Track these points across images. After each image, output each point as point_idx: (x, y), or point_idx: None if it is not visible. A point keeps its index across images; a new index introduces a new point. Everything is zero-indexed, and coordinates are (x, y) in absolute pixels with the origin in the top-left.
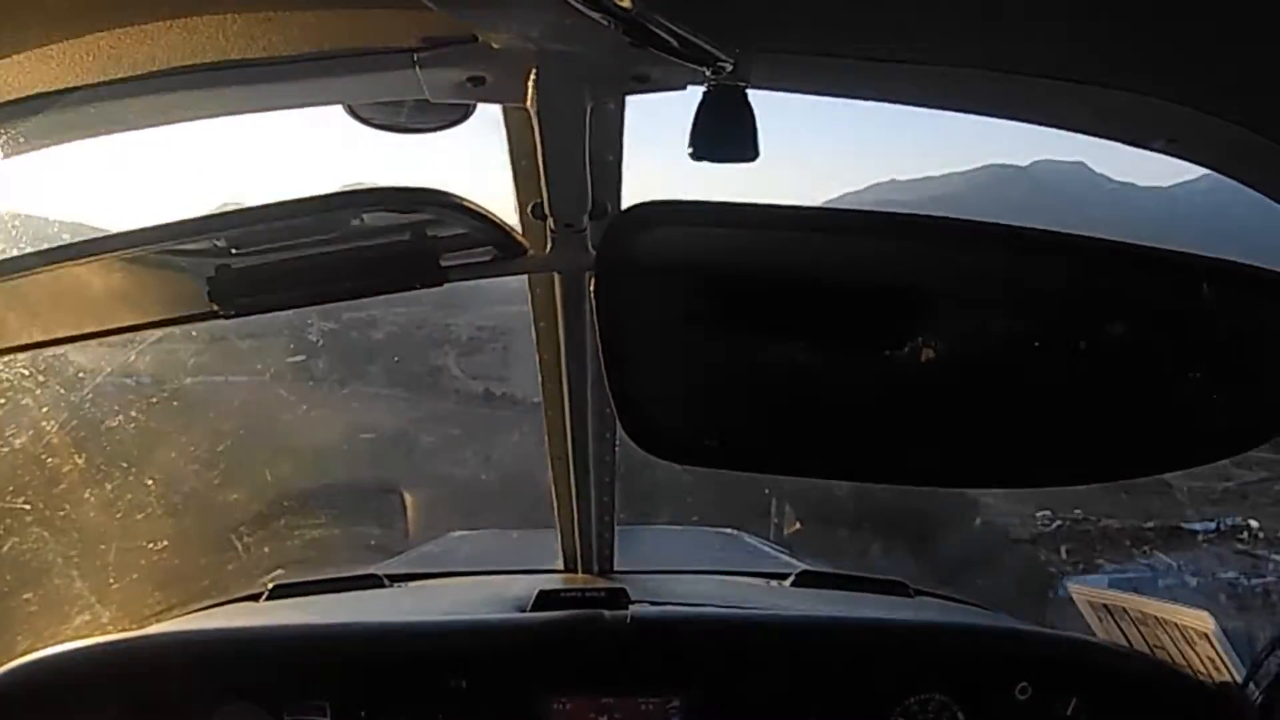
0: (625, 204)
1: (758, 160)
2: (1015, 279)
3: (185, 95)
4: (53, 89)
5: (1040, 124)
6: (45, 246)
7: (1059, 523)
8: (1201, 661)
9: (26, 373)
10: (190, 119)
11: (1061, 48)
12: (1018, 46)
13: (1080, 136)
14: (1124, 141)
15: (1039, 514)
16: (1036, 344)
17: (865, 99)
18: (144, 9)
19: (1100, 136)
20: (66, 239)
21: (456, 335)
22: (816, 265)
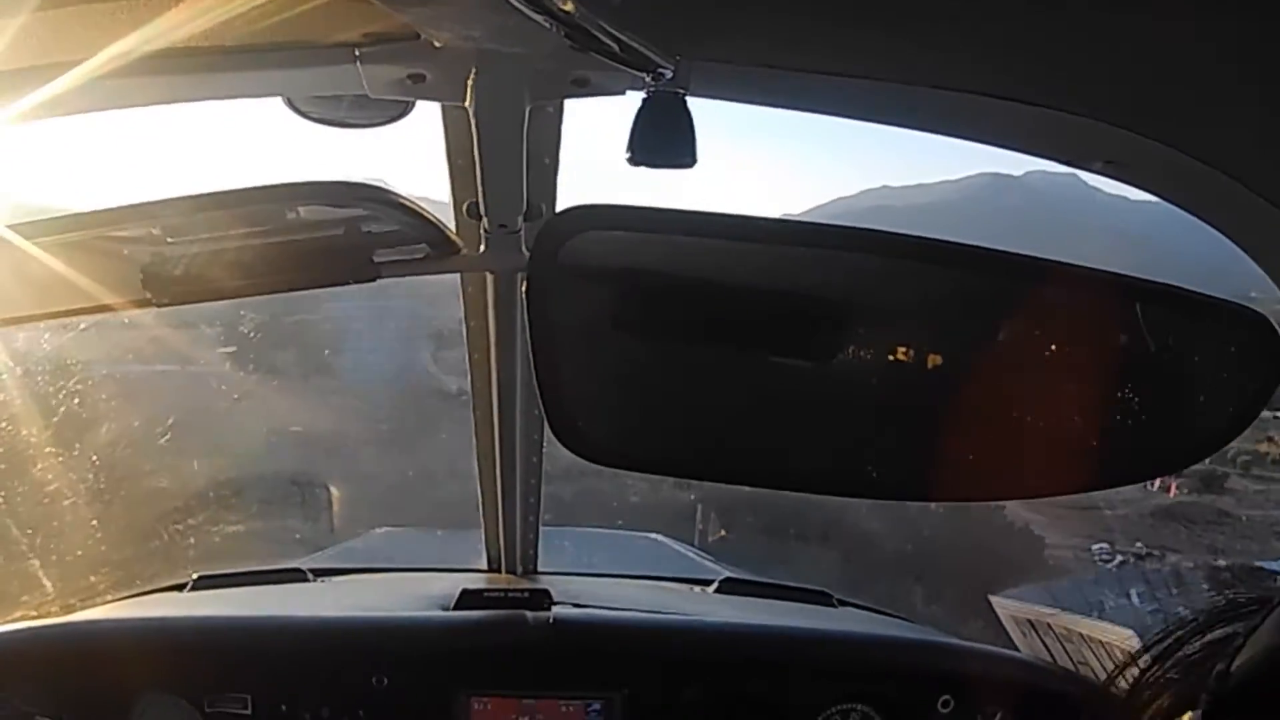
0: (561, 207)
1: (695, 166)
2: (946, 293)
3: (124, 81)
4: None
5: (978, 141)
6: None
7: (989, 538)
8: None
9: None
10: (129, 105)
11: (1000, 67)
12: (957, 65)
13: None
14: (1063, 161)
15: (968, 527)
16: (964, 358)
17: (803, 110)
18: None
19: (1040, 156)
20: None
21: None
22: (750, 273)
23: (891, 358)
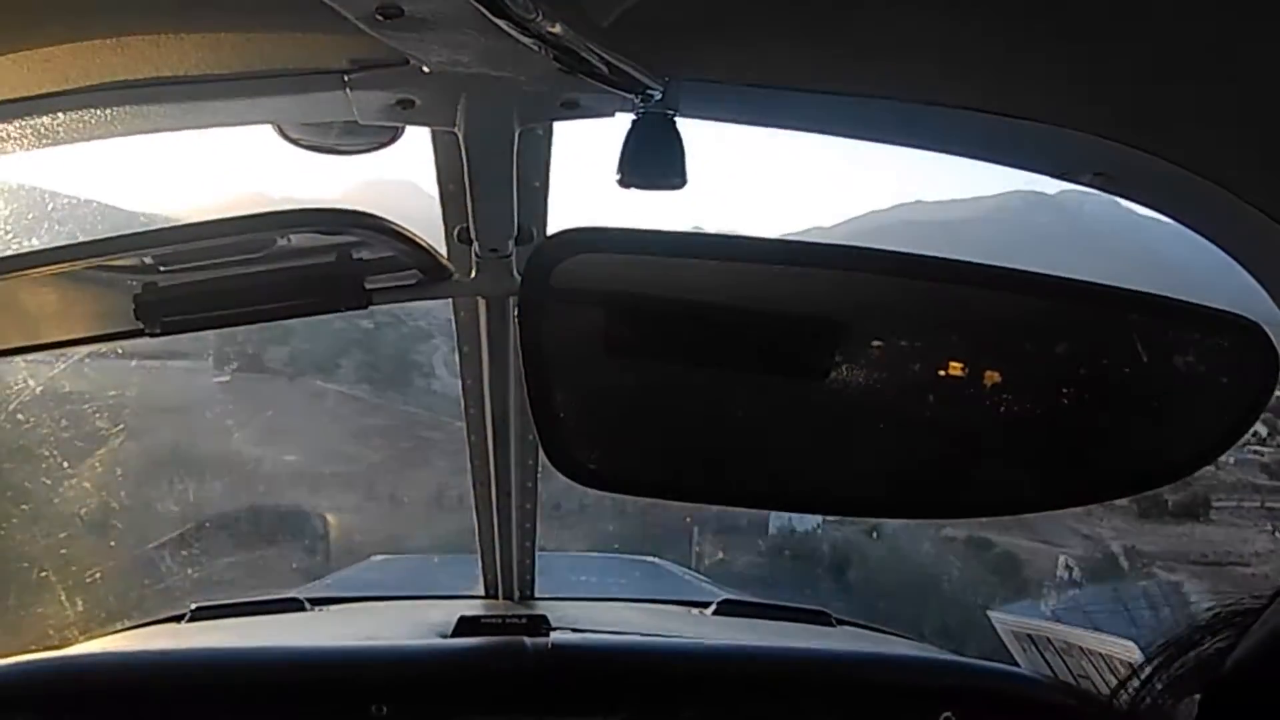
0: (551, 230)
1: (684, 188)
2: (940, 309)
3: (114, 111)
4: None
5: (969, 157)
6: None
7: (985, 552)
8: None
9: None
10: (119, 135)
11: (988, 83)
12: (945, 81)
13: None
14: (1053, 175)
15: (964, 542)
16: (961, 376)
17: (794, 129)
18: (76, 24)
19: (1030, 170)
20: None
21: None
22: (745, 294)
23: (888, 376)
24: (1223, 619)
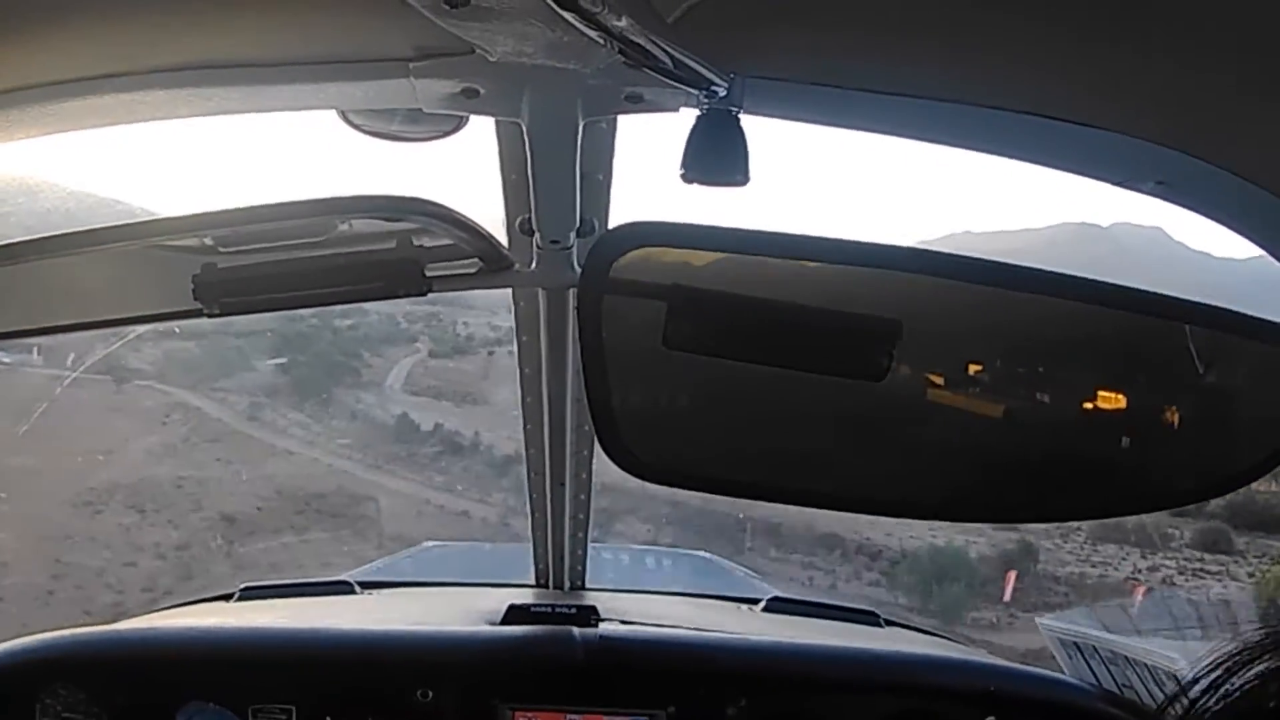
0: (613, 224)
1: (748, 184)
2: (998, 313)
3: (181, 93)
4: (47, 80)
5: (1029, 162)
6: (35, 236)
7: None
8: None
9: None
10: (185, 116)
11: (1051, 86)
12: (1010, 86)
13: (1150, 200)
14: (1112, 182)
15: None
16: (1016, 379)
17: (854, 129)
18: (147, 6)
19: (1089, 176)
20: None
21: None
22: (803, 292)
23: (948, 378)
24: (1274, 642)
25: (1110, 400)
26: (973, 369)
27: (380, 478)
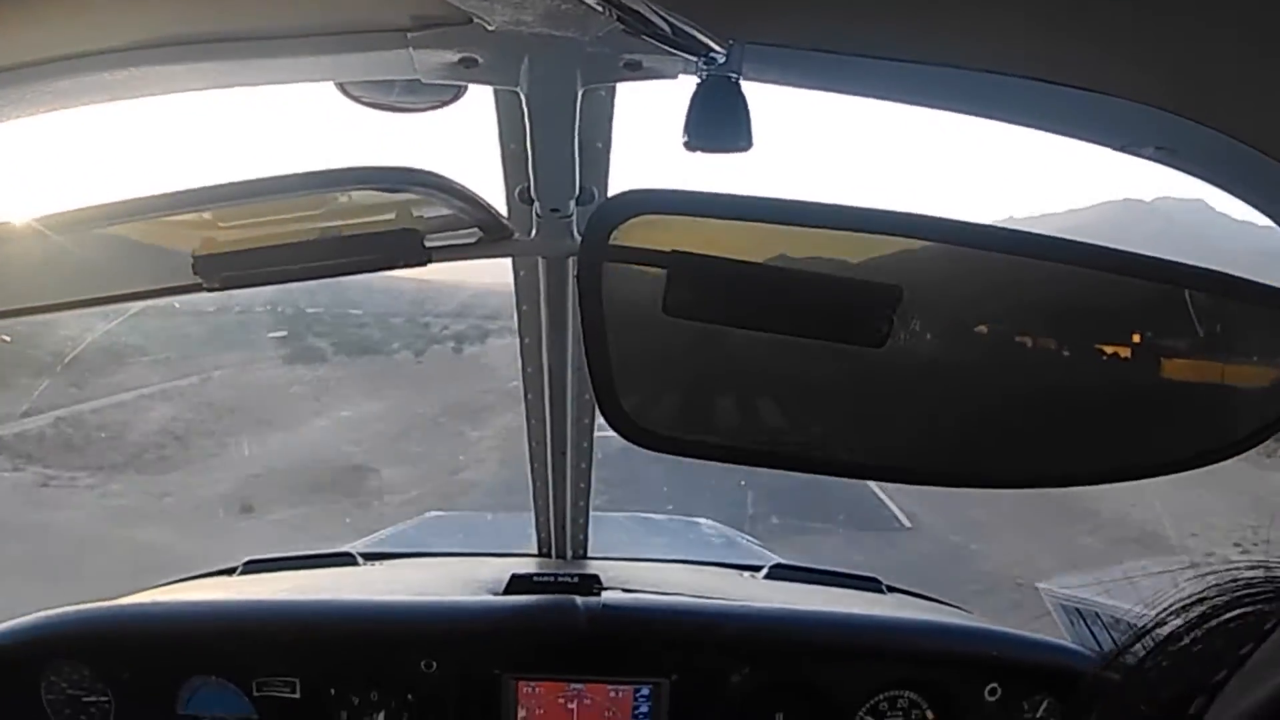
0: (612, 191)
1: (750, 150)
2: (1005, 277)
3: (176, 68)
4: (39, 59)
5: (1031, 127)
6: (30, 215)
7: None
8: None
9: None
10: (180, 90)
11: (1052, 50)
12: (1011, 49)
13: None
14: (1113, 147)
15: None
16: (1027, 347)
17: (856, 95)
18: None
19: (1090, 141)
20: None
21: None
22: (807, 260)
23: (952, 344)
24: (1246, 593)
25: (1111, 363)
26: (974, 334)
27: None
